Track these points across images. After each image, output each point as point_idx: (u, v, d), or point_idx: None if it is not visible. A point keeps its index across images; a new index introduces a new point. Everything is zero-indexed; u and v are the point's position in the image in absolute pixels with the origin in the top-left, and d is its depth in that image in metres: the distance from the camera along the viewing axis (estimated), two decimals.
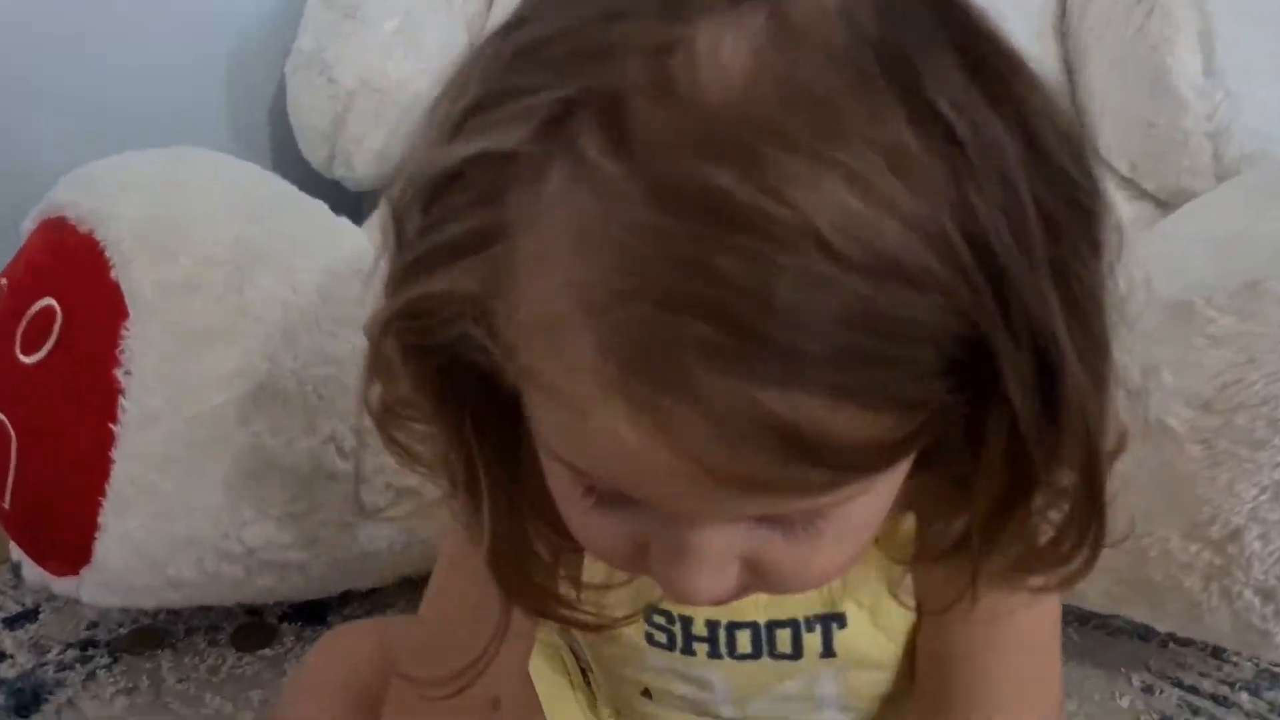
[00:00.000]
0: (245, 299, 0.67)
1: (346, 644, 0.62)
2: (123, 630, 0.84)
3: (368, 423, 0.70)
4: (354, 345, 0.70)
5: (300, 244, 0.72)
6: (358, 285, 0.73)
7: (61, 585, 0.72)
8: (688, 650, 0.48)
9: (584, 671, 0.60)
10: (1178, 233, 0.66)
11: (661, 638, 0.49)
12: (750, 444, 0.28)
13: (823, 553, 0.35)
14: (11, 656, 0.80)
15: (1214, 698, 0.79)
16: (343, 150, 0.94)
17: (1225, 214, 0.65)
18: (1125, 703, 0.78)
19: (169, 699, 0.77)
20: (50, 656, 0.80)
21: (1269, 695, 0.78)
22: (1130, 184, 0.82)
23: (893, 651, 0.48)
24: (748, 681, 0.49)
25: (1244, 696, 0.78)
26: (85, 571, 0.69)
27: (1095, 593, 0.70)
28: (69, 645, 0.82)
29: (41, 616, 0.85)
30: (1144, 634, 0.85)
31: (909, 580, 0.45)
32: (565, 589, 0.44)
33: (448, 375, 0.36)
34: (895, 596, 0.45)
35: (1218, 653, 0.83)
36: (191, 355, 0.65)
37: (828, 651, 0.47)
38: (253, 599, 0.78)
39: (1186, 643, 0.84)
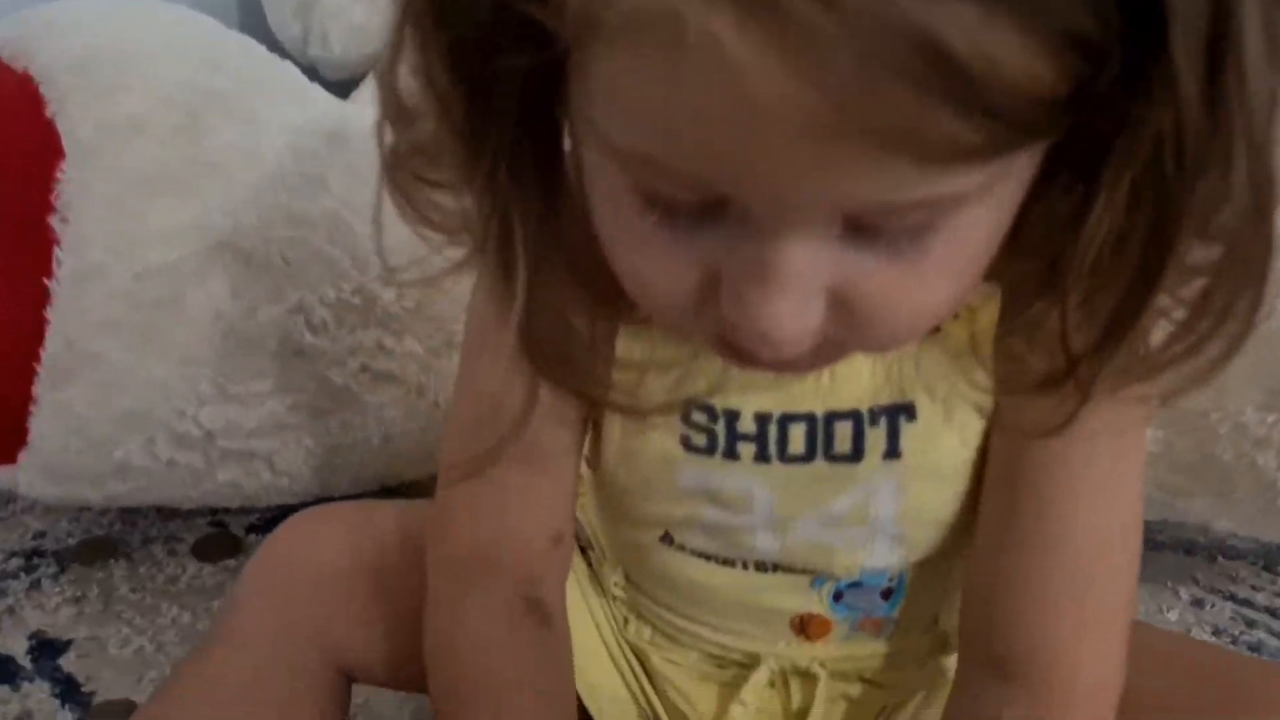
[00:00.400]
0: (201, 146, 0.59)
1: (314, 527, 0.54)
2: (72, 540, 0.76)
3: (339, 294, 0.64)
4: (326, 208, 0.63)
5: (267, 96, 0.65)
6: (330, 149, 0.66)
7: None
8: (730, 453, 0.41)
9: (584, 550, 0.52)
10: None
11: (701, 440, 0.41)
12: (885, 63, 0.22)
13: (924, 283, 0.29)
14: None
15: (1269, 610, 0.73)
16: (319, 24, 0.86)
17: None
18: (1174, 616, 0.72)
19: (121, 608, 0.69)
20: None
21: None
22: None
23: (964, 459, 0.41)
24: (795, 495, 0.42)
25: None
26: (22, 456, 0.61)
27: (1150, 486, 0.63)
28: (12, 554, 0.74)
29: None
30: (1189, 548, 0.79)
31: (987, 377, 0.38)
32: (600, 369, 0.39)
33: (480, 91, 0.30)
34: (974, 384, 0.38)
35: (1270, 566, 0.77)
36: (138, 204, 0.57)
37: (892, 451, 0.40)
38: (216, 500, 0.71)
39: (1236, 556, 0.78)
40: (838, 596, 0.45)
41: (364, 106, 0.84)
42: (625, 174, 0.28)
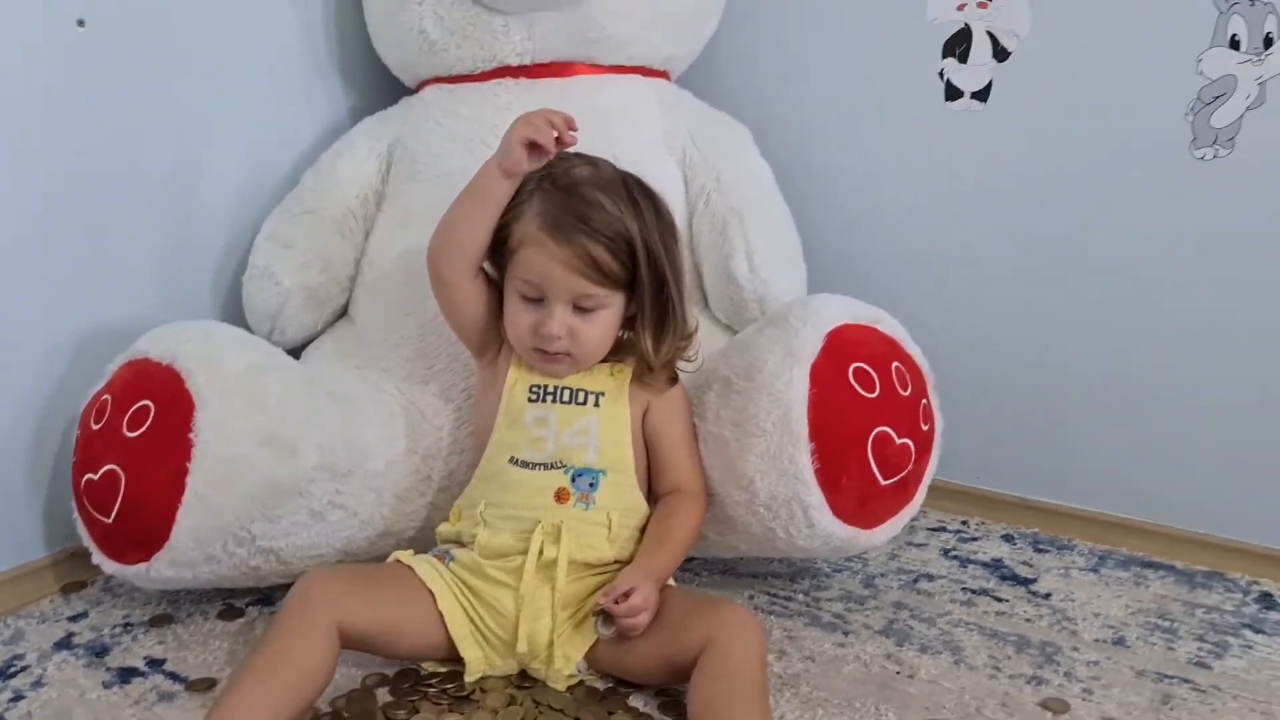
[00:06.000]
0: None
1: (327, 569, 1.21)
2: (145, 615, 1.34)
3: None
4: None
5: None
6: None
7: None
8: (543, 400, 1.20)
9: (443, 555, 1.20)
10: (729, 343, 1.36)
11: (534, 395, 1.21)
12: (585, 259, 1.13)
13: (594, 332, 1.17)
14: None
15: (786, 598, 1.44)
16: (280, 327, 1.51)
17: (748, 333, 1.35)
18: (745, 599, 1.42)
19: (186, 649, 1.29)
20: None
21: (815, 593, 1.44)
22: (720, 323, 1.54)
23: (622, 423, 1.22)
24: (564, 419, 1.19)
25: (800, 597, 1.44)
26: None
27: (711, 545, 1.34)
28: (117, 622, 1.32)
29: None
30: (755, 574, 1.50)
31: (629, 390, 1.23)
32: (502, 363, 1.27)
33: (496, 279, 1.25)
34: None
35: (794, 579, 1.49)
36: None
37: (596, 404, 1.21)
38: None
39: (775, 576, 1.50)
40: (574, 479, 1.18)
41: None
42: (517, 289, 1.16)
